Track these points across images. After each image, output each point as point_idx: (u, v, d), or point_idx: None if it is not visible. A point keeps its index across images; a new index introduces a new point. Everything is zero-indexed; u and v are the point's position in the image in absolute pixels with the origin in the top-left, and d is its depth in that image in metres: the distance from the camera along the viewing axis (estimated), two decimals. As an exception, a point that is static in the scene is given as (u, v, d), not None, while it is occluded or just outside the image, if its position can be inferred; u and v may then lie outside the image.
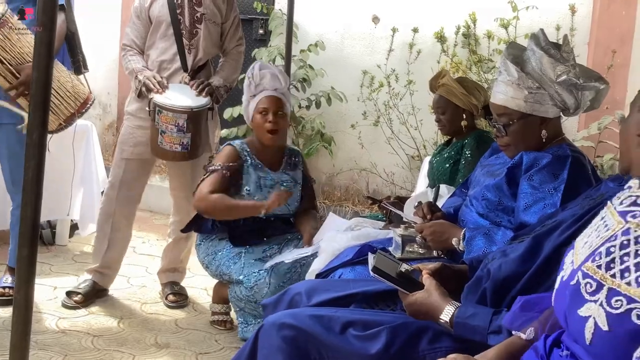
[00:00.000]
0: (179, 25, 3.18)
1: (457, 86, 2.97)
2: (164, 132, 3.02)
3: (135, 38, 3.26)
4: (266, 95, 2.98)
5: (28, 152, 1.88)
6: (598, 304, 1.04)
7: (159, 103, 3.01)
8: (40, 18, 1.87)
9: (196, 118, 3.05)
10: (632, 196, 1.15)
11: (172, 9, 3.18)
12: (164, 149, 3.06)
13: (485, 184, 2.11)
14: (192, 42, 3.21)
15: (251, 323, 2.88)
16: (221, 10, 3.29)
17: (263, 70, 2.99)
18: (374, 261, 1.66)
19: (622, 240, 1.07)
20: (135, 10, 3.27)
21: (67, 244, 4.10)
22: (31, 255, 1.93)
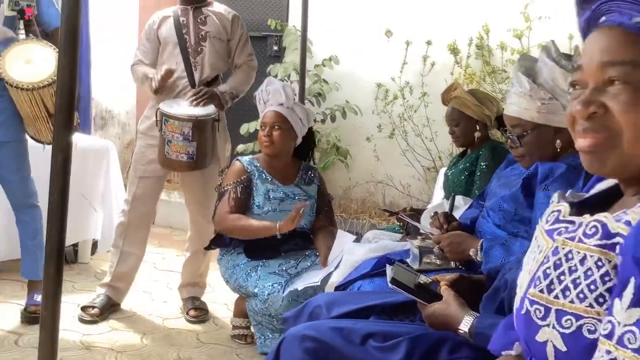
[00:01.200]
0: (185, 44, 3.30)
1: (469, 97, 2.99)
2: (170, 141, 3.11)
3: (143, 57, 3.38)
4: (268, 110, 3.06)
5: (52, 174, 1.93)
6: (551, 327, 1.04)
7: (165, 112, 3.11)
8: (62, 44, 1.93)
9: (201, 127, 3.13)
10: (554, 212, 1.16)
11: (178, 28, 3.30)
12: (171, 158, 3.14)
13: (501, 195, 2.13)
14: (197, 59, 3.31)
15: (268, 337, 2.91)
16: (226, 28, 3.38)
17: (269, 86, 3.07)
18: (392, 273, 1.69)
19: (554, 261, 1.07)
20: (146, 33, 3.41)
21: (89, 261, 4.17)
22: (57, 274, 1.97)
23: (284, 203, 3.04)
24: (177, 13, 3.35)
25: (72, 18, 1.90)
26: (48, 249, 1.96)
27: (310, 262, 2.98)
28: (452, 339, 1.63)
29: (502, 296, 1.64)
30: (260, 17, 5.72)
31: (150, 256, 3.73)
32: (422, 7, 5.07)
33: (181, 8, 3.36)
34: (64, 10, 1.91)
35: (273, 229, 2.90)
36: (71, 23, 1.91)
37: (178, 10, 3.36)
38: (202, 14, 3.35)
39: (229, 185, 3.02)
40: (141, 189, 3.36)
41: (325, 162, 5.05)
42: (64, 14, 1.91)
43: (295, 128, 3.06)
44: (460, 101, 3.01)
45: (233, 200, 2.99)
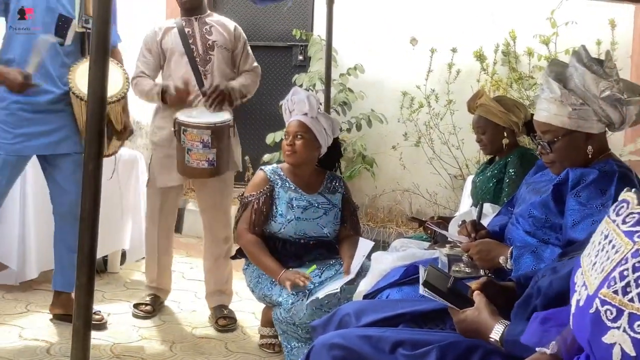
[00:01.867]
0: (193, 54, 3.35)
1: (495, 105, 2.97)
2: (190, 150, 3.15)
3: (145, 69, 3.43)
4: (292, 120, 3.06)
5: (85, 183, 1.96)
6: (621, 330, 1.02)
7: (183, 122, 3.16)
8: (93, 55, 1.96)
9: (220, 133, 3.19)
10: (634, 214, 1.13)
11: (184, 38, 3.36)
12: (192, 166, 3.19)
13: (531, 201, 2.10)
14: (207, 68, 3.39)
15: (295, 347, 2.90)
16: (230, 38, 3.46)
17: (294, 96, 3.08)
18: (425, 275, 1.67)
19: (634, 263, 1.04)
20: (146, 44, 3.44)
21: (118, 271, 4.22)
22: (89, 283, 2.00)
23: (307, 211, 3.04)
24: (180, 24, 3.41)
25: (103, 30, 1.94)
26: (80, 259, 1.99)
27: (334, 271, 2.98)
28: (482, 347, 1.62)
29: (535, 303, 1.62)
30: (285, 27, 5.75)
31: (179, 266, 3.77)
32: (446, 14, 5.06)
33: (184, 19, 3.43)
34: (94, 23, 1.95)
35: (276, 276, 2.89)
36: (102, 35, 1.94)
37: (181, 22, 3.42)
38: (207, 24, 3.43)
39: (252, 196, 3.03)
40: (164, 200, 3.46)
41: (351, 171, 5.05)
42: (95, 27, 1.95)
43: (318, 138, 3.06)
44: (486, 109, 2.98)
45: (255, 213, 3.00)
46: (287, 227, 3.00)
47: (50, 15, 2.99)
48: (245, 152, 5.52)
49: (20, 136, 3.02)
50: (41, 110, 3.03)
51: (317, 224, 3.04)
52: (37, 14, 2.97)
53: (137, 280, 4.09)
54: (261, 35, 5.82)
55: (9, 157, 3.02)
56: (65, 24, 3.02)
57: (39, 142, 3.05)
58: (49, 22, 2.99)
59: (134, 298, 3.64)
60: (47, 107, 3.04)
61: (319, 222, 3.05)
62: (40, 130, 3.04)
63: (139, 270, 4.23)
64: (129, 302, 3.60)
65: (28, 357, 2.85)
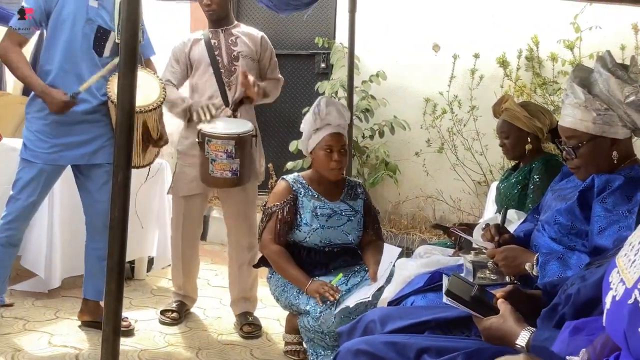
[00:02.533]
0: (218, 65, 3.42)
1: (520, 110, 2.96)
2: (215, 160, 3.21)
3: (172, 79, 3.49)
4: (330, 133, 3.01)
5: (114, 192, 2.01)
6: None
7: (207, 133, 3.21)
8: (121, 67, 2.01)
9: (243, 143, 3.25)
10: None
11: (210, 50, 3.43)
12: (215, 176, 3.25)
13: (556, 208, 2.10)
14: (231, 79, 3.45)
15: (321, 354, 2.91)
16: (257, 48, 3.52)
17: (330, 106, 3.03)
18: (448, 284, 1.68)
19: None
20: (175, 55, 3.51)
21: (145, 278, 4.27)
22: (118, 290, 2.04)
23: (331, 219, 3.05)
24: (207, 36, 3.48)
25: (131, 43, 1.99)
26: (109, 266, 2.04)
27: (360, 277, 2.98)
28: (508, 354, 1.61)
29: (563, 311, 1.62)
30: (308, 35, 5.79)
31: (204, 272, 3.81)
32: (469, 20, 5.06)
33: (211, 31, 3.50)
34: (123, 35, 2.00)
35: (303, 286, 2.90)
36: (130, 47, 1.99)
37: (208, 33, 3.49)
38: (233, 35, 3.49)
39: (276, 206, 3.04)
40: (188, 208, 3.52)
41: (374, 177, 5.06)
42: (123, 39, 1.99)
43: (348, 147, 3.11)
44: (510, 113, 2.98)
45: (279, 223, 3.00)
46: (312, 236, 3.01)
47: (90, 26, 3.07)
48: (269, 160, 5.55)
49: (56, 146, 3.09)
50: (78, 121, 3.10)
51: (341, 232, 3.05)
52: (36, 14, 3.02)
53: (164, 287, 4.14)
54: (284, 44, 5.86)
55: (45, 166, 3.09)
56: (104, 36, 3.10)
57: (75, 152, 3.12)
58: (88, 33, 3.07)
59: (160, 305, 3.69)
60: (84, 118, 3.10)
61: (343, 229, 3.06)
62: (76, 141, 3.11)
63: (165, 277, 4.28)
64: (155, 309, 3.65)
65: (58, 363, 2.90)
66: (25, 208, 3.09)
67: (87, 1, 3.06)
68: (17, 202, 3.08)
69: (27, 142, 3.11)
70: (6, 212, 3.10)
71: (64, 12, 3.03)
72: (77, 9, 3.04)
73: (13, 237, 3.11)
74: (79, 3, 3.05)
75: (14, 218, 3.08)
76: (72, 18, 3.03)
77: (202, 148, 3.24)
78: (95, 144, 3.15)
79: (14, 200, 3.09)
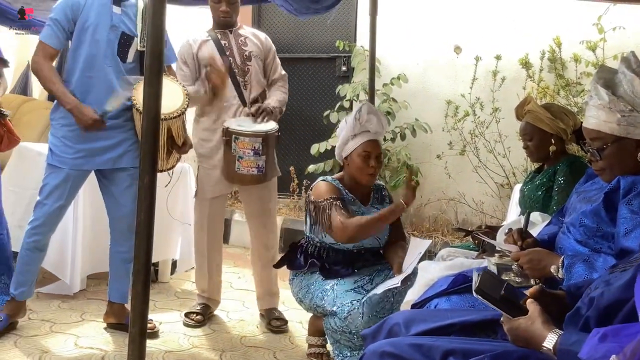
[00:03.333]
0: (230, 65, 3.45)
1: (543, 111, 2.94)
2: (242, 158, 3.27)
3: (183, 81, 3.47)
4: (369, 140, 3.02)
5: (140, 196, 2.03)
6: None
7: (235, 130, 3.27)
8: (147, 74, 2.04)
9: (269, 141, 3.32)
10: None
11: (221, 50, 3.46)
12: (242, 173, 3.30)
13: (582, 210, 2.08)
14: (246, 78, 3.49)
15: (347, 356, 2.91)
16: (262, 48, 3.58)
17: (371, 114, 3.04)
18: (478, 280, 1.67)
19: None
20: (182, 57, 3.53)
21: (168, 280, 4.31)
22: (144, 292, 2.07)
23: None
24: (215, 36, 3.50)
25: (157, 49, 2.01)
26: (135, 268, 2.06)
27: (383, 276, 2.99)
28: (534, 357, 1.60)
29: (587, 315, 1.60)
30: (329, 39, 5.81)
31: (226, 275, 3.84)
32: (490, 22, 5.04)
33: (219, 32, 3.53)
34: (149, 41, 2.02)
35: (400, 206, 2.92)
36: (156, 54, 2.01)
37: (215, 34, 3.51)
38: (241, 35, 3.55)
39: (331, 198, 2.98)
40: (213, 209, 3.57)
41: (395, 180, 5.05)
42: (149, 46, 2.02)
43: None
44: (533, 115, 2.96)
45: (339, 206, 2.94)
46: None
47: (114, 33, 3.12)
48: (290, 163, 5.59)
49: (82, 151, 3.14)
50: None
51: (373, 236, 3.06)
52: (65, 24, 3.08)
53: (187, 289, 4.17)
54: (305, 47, 5.89)
55: (71, 172, 3.14)
56: (128, 42, 3.16)
57: (100, 158, 3.18)
58: (113, 40, 3.12)
59: (184, 307, 3.73)
60: (109, 123, 3.15)
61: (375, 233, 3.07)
62: (101, 146, 3.16)
63: (188, 280, 4.32)
64: (179, 311, 3.68)
65: (84, 365, 2.94)
66: (52, 213, 3.14)
67: (111, 8, 3.12)
68: (44, 207, 3.13)
69: (53, 147, 3.16)
70: (34, 217, 3.16)
71: (88, 20, 3.08)
72: (101, 16, 3.10)
73: (40, 241, 3.17)
74: (103, 10, 3.10)
75: (42, 223, 3.14)
76: (96, 25, 3.09)
77: (228, 145, 3.29)
78: (120, 148, 3.20)
79: (41, 205, 3.14)
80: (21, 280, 3.21)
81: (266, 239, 3.63)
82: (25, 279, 3.21)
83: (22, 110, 5.38)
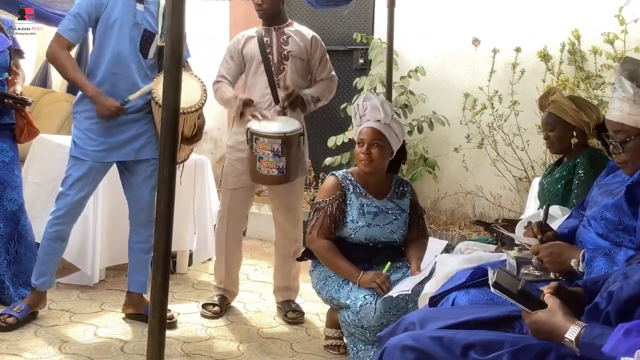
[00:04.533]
0: (269, 63, 3.48)
1: (568, 102, 2.91)
2: (262, 158, 3.27)
3: (227, 74, 3.57)
4: (365, 127, 3.03)
5: (160, 187, 2.05)
6: None
7: (255, 131, 3.28)
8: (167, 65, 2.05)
9: (290, 142, 3.30)
10: None
11: (262, 48, 3.48)
12: (262, 174, 3.31)
13: (603, 203, 2.06)
14: (280, 77, 3.50)
15: (361, 349, 2.92)
16: (307, 48, 3.56)
17: (366, 101, 3.05)
18: (495, 276, 1.66)
19: None
20: (229, 52, 3.59)
21: (186, 272, 4.34)
22: (164, 282, 2.08)
23: (377, 217, 3.05)
24: (260, 33, 3.54)
25: (177, 41, 2.02)
26: (155, 258, 2.08)
27: (401, 273, 2.98)
28: (556, 350, 1.60)
29: (607, 309, 1.59)
30: (346, 31, 5.79)
31: (243, 268, 3.85)
32: (509, 13, 4.99)
33: (264, 28, 3.55)
34: (168, 34, 2.04)
35: (355, 279, 2.90)
36: (176, 45, 2.02)
37: (262, 31, 3.55)
38: (285, 34, 3.54)
39: (325, 202, 3.04)
40: (234, 201, 3.59)
41: (412, 173, 5.03)
42: (169, 37, 2.03)
43: (392, 144, 3.06)
44: (557, 106, 2.92)
45: (328, 218, 3.00)
46: (358, 233, 3.02)
47: (137, 30, 3.16)
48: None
49: (105, 144, 3.18)
50: (125, 119, 3.19)
51: (387, 230, 3.05)
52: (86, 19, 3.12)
53: (205, 281, 4.20)
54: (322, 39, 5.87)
55: (94, 164, 3.19)
56: (150, 38, 3.20)
57: (122, 150, 3.22)
58: (135, 37, 3.16)
59: (201, 298, 3.75)
60: (130, 116, 3.20)
61: (389, 227, 3.05)
62: (123, 139, 3.20)
63: (205, 272, 4.35)
64: (197, 302, 3.71)
65: (103, 355, 2.97)
66: (74, 203, 3.18)
67: (135, 5, 3.15)
68: (67, 197, 3.17)
69: (76, 140, 3.20)
70: (56, 207, 3.20)
71: (112, 16, 3.13)
72: (125, 13, 3.14)
73: (62, 231, 3.21)
74: (127, 7, 3.14)
75: (64, 213, 3.18)
76: (120, 22, 3.13)
77: (250, 145, 3.31)
78: (140, 140, 3.24)
79: (63, 196, 3.18)
80: (43, 270, 3.25)
81: (290, 234, 3.65)
82: (47, 269, 3.25)
83: (42, 102, 5.43)
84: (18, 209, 3.45)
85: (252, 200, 3.80)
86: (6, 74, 3.35)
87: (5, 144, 3.42)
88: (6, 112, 3.38)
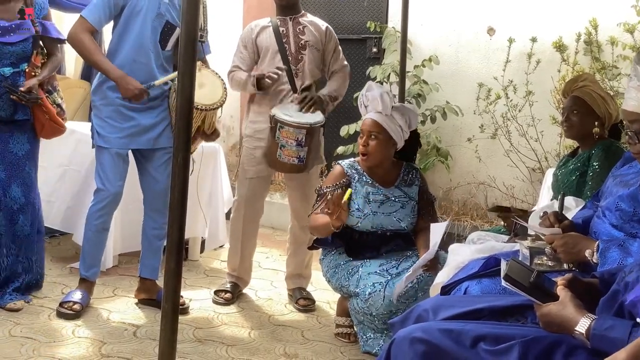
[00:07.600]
0: (285, 52, 3.47)
1: (600, 90, 2.89)
2: (284, 146, 3.28)
3: (241, 64, 3.56)
4: (367, 118, 3.06)
5: (174, 174, 2.06)
6: None
7: (280, 119, 3.29)
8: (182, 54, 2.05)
9: (313, 133, 3.34)
10: None
11: (279, 37, 3.49)
12: (282, 161, 3.33)
13: (618, 194, 2.05)
14: (298, 66, 3.51)
15: (370, 337, 2.93)
16: (322, 38, 3.58)
17: (368, 92, 3.08)
18: (507, 268, 1.66)
19: None
20: (243, 41, 3.59)
21: (198, 259, 4.36)
22: (177, 269, 2.09)
23: (384, 206, 3.06)
24: (275, 23, 3.53)
25: (191, 30, 2.03)
26: (169, 244, 2.09)
27: (411, 262, 2.98)
28: (566, 342, 1.59)
29: (622, 300, 1.59)
30: (360, 20, 5.76)
31: (255, 255, 3.87)
32: (525, 3, 4.93)
33: (279, 18, 3.55)
34: (183, 23, 2.04)
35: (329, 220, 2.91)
36: (190, 34, 2.03)
37: (276, 21, 3.54)
38: (300, 24, 3.55)
39: (328, 188, 3.06)
40: (251, 190, 3.60)
41: (425, 163, 5.01)
42: (184, 27, 2.04)
43: (393, 136, 3.04)
44: (587, 91, 2.88)
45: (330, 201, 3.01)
46: (364, 221, 3.02)
47: (159, 20, 3.19)
48: (320, 144, 5.59)
49: (126, 130, 3.21)
50: (144, 106, 3.22)
51: (394, 218, 3.05)
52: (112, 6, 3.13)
53: (217, 268, 4.22)
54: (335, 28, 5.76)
55: (120, 151, 3.22)
56: (170, 30, 3.22)
57: (142, 137, 3.24)
58: (157, 27, 3.19)
59: (213, 285, 3.77)
60: (149, 104, 3.23)
61: (395, 215, 3.06)
62: (143, 126, 3.23)
63: (217, 259, 4.37)
64: (209, 289, 3.73)
65: (116, 339, 3.00)
66: (112, 193, 3.22)
67: None
68: (103, 192, 3.21)
69: (98, 129, 3.22)
70: (95, 200, 3.25)
71: (138, 6, 3.15)
72: (150, 3, 3.16)
73: (106, 222, 3.30)
74: None
75: (105, 205, 3.24)
76: (145, 12, 3.15)
77: (272, 133, 3.32)
78: (158, 128, 3.27)
79: (100, 191, 3.22)
80: (91, 262, 3.32)
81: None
82: (96, 260, 3.33)
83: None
84: (19, 209, 3.29)
85: (269, 190, 3.81)
86: (25, 65, 3.18)
87: (23, 136, 3.29)
88: (20, 107, 3.21)
